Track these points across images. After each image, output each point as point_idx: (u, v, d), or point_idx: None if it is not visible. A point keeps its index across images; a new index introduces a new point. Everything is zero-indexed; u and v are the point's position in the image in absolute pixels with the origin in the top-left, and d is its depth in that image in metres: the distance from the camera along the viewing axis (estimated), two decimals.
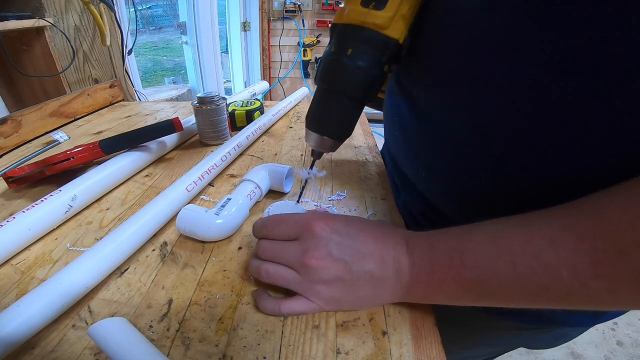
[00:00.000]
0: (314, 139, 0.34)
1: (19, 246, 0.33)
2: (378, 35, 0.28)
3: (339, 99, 0.31)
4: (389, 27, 0.28)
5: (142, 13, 5.66)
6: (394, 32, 0.28)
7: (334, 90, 0.31)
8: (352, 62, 0.29)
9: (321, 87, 0.32)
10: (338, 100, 0.31)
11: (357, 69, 0.29)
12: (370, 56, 0.28)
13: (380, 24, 0.27)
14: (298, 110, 0.78)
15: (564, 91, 0.20)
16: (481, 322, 0.37)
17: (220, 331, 0.25)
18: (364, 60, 0.28)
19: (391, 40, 0.28)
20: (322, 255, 0.25)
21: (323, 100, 0.32)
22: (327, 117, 0.32)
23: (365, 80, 0.29)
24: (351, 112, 0.32)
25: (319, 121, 0.33)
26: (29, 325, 0.24)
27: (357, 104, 0.32)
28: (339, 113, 0.32)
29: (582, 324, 0.34)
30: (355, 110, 0.32)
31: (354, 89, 0.30)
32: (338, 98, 0.31)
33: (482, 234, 0.23)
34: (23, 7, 0.68)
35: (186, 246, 0.34)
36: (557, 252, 0.19)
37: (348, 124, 0.33)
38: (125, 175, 0.47)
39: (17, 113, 0.60)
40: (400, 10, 0.27)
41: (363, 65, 0.29)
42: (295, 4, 2.42)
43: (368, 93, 0.30)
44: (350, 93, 0.30)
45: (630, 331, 1.19)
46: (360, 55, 0.28)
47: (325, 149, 0.34)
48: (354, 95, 0.30)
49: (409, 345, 0.25)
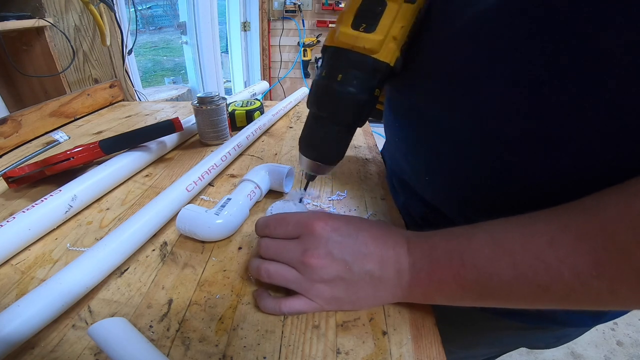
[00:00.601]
0: (306, 164, 0.34)
1: (19, 246, 0.33)
2: (368, 60, 0.27)
3: (330, 125, 0.31)
4: (379, 50, 0.27)
5: (142, 13, 5.66)
6: (384, 56, 0.27)
7: (325, 116, 0.31)
8: (342, 87, 0.28)
9: (312, 112, 0.32)
10: (329, 126, 0.31)
11: (347, 94, 0.28)
12: (360, 81, 0.28)
13: (370, 48, 0.27)
14: (298, 110, 0.78)
15: (563, 92, 0.20)
16: (482, 322, 0.37)
17: (220, 331, 0.25)
18: (353, 86, 0.28)
19: (382, 64, 0.28)
20: (322, 254, 0.25)
21: (314, 125, 0.32)
22: (319, 142, 0.32)
23: (356, 107, 0.29)
24: (342, 137, 0.32)
25: (311, 146, 0.33)
26: (29, 325, 0.24)
27: (348, 129, 0.32)
28: (330, 138, 0.32)
29: (583, 324, 0.34)
30: (347, 136, 0.32)
31: (344, 115, 0.30)
32: (329, 124, 0.31)
33: (482, 234, 0.23)
34: (23, 7, 0.67)
35: (186, 246, 0.34)
36: (557, 252, 0.19)
37: (339, 149, 0.33)
38: (125, 175, 0.47)
39: (17, 113, 0.60)
40: (391, 31, 0.27)
41: (353, 91, 0.28)
42: (295, 4, 2.42)
43: (358, 119, 0.30)
44: (341, 119, 0.30)
45: (630, 331, 1.19)
46: (350, 81, 0.28)
47: (318, 173, 0.35)
48: (345, 121, 0.30)
49: (409, 345, 0.25)
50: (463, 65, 0.26)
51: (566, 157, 0.22)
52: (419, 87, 0.31)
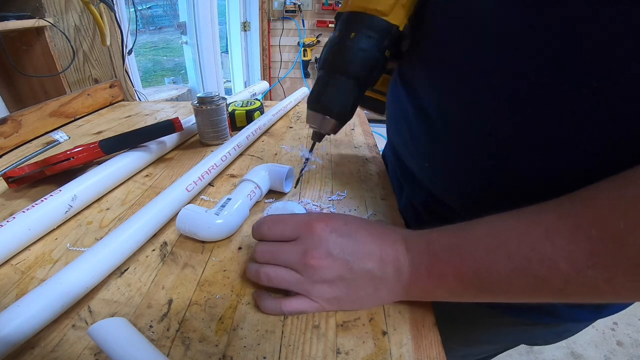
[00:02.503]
0: (316, 120, 0.35)
1: (19, 246, 0.33)
2: (380, 21, 0.30)
3: (343, 79, 0.32)
4: (390, 13, 0.30)
5: (142, 13, 5.66)
6: (394, 19, 0.30)
7: (337, 71, 0.32)
8: (355, 44, 0.30)
9: (324, 69, 0.33)
10: (341, 81, 0.32)
11: (360, 50, 0.30)
12: (373, 39, 0.30)
13: (382, 10, 0.29)
14: (298, 110, 0.78)
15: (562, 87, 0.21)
16: (483, 318, 0.37)
17: (220, 331, 0.25)
18: (366, 43, 0.30)
19: (392, 26, 0.30)
20: (322, 254, 0.25)
21: (326, 81, 0.33)
22: (330, 97, 0.33)
23: (368, 61, 0.31)
24: (354, 93, 0.33)
25: (322, 101, 0.34)
26: (29, 325, 0.24)
27: (360, 85, 0.33)
28: (342, 93, 0.33)
29: (584, 319, 0.34)
30: (358, 91, 0.33)
31: (357, 68, 0.31)
32: (341, 78, 0.32)
33: (479, 228, 0.23)
34: (23, 7, 0.67)
35: (186, 246, 0.34)
36: (552, 243, 0.19)
37: (350, 105, 0.34)
38: (125, 175, 0.47)
39: (17, 113, 0.60)
40: None
41: (366, 47, 0.30)
42: (295, 4, 2.42)
43: (370, 74, 0.32)
44: (354, 73, 0.32)
45: (630, 331, 1.19)
46: (363, 39, 0.30)
47: (326, 130, 0.35)
48: (357, 75, 0.32)
49: (409, 345, 0.25)
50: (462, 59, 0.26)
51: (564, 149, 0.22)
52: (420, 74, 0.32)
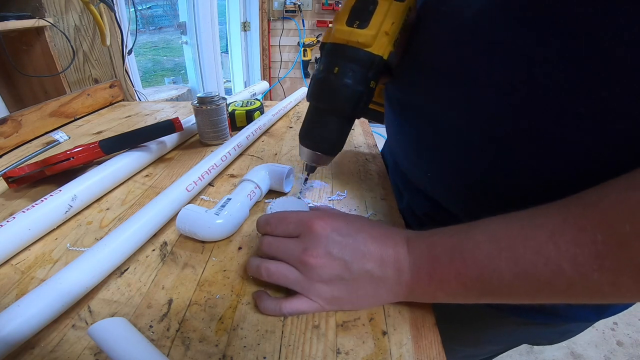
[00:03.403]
0: (306, 155, 0.35)
1: (19, 246, 0.33)
2: (362, 53, 0.30)
3: (329, 116, 0.33)
4: (372, 44, 0.29)
5: (142, 13, 5.66)
6: (377, 49, 0.29)
7: (324, 108, 0.32)
8: (338, 80, 0.30)
9: (312, 104, 0.34)
10: (328, 117, 0.33)
11: (343, 86, 0.30)
12: (356, 73, 0.30)
13: (364, 42, 0.29)
14: (298, 110, 0.78)
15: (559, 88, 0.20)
16: (485, 318, 0.37)
17: (220, 331, 0.25)
18: (349, 77, 0.30)
19: (376, 57, 0.30)
20: (321, 253, 0.25)
21: (314, 117, 0.34)
22: (319, 134, 0.34)
23: (353, 97, 0.31)
24: (341, 128, 0.34)
25: (311, 137, 0.34)
26: (29, 325, 0.24)
27: (347, 120, 0.33)
28: (329, 129, 0.33)
29: (586, 319, 0.34)
30: (345, 126, 0.34)
31: (342, 105, 0.31)
32: (328, 115, 0.33)
33: (482, 231, 0.23)
34: (23, 7, 0.67)
35: (186, 246, 0.34)
36: (557, 246, 0.19)
37: (339, 139, 0.34)
38: (125, 175, 0.47)
39: (17, 113, 0.60)
40: (383, 27, 0.29)
41: (349, 82, 0.30)
42: (295, 4, 2.42)
43: (356, 109, 0.32)
44: (339, 110, 0.32)
45: (630, 331, 1.19)
46: (346, 73, 0.30)
47: (319, 163, 0.36)
48: (343, 111, 0.32)
49: (409, 345, 0.25)
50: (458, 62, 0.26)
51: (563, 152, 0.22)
52: (417, 84, 0.32)
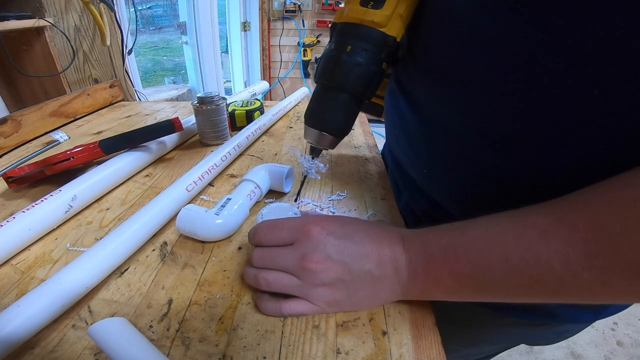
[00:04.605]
0: (312, 135, 0.34)
1: (19, 246, 0.33)
2: (376, 33, 0.29)
3: (339, 94, 0.31)
4: (387, 25, 0.29)
5: (142, 13, 5.66)
6: (391, 30, 0.29)
7: (334, 86, 0.31)
8: (351, 58, 0.29)
9: (321, 83, 0.32)
10: (337, 96, 0.31)
11: (356, 64, 0.29)
12: (369, 53, 0.29)
13: (379, 22, 0.28)
14: (298, 110, 0.78)
15: (559, 89, 0.20)
16: (483, 319, 0.37)
17: (220, 331, 0.25)
18: (362, 56, 0.29)
19: (389, 38, 0.29)
20: (321, 258, 0.25)
21: (323, 96, 0.32)
22: (327, 113, 0.32)
23: (364, 76, 0.30)
24: (350, 108, 0.32)
25: (318, 117, 0.33)
26: (29, 325, 0.24)
27: (356, 100, 0.32)
28: (338, 109, 0.32)
29: (584, 319, 0.34)
30: (354, 106, 0.33)
31: (353, 84, 0.30)
32: (337, 94, 0.31)
33: (475, 229, 0.23)
34: (23, 7, 0.67)
35: (186, 246, 0.34)
36: (548, 244, 0.19)
37: (347, 120, 0.33)
38: (125, 175, 0.47)
39: (17, 113, 0.60)
40: (397, 9, 0.28)
41: (362, 61, 0.29)
42: (295, 4, 2.42)
43: (367, 89, 0.31)
44: (350, 88, 0.31)
45: (630, 331, 1.19)
46: (359, 52, 0.29)
47: (324, 146, 0.34)
48: (353, 90, 0.31)
49: (409, 345, 0.25)
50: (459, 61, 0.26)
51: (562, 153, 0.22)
52: (416, 81, 0.32)
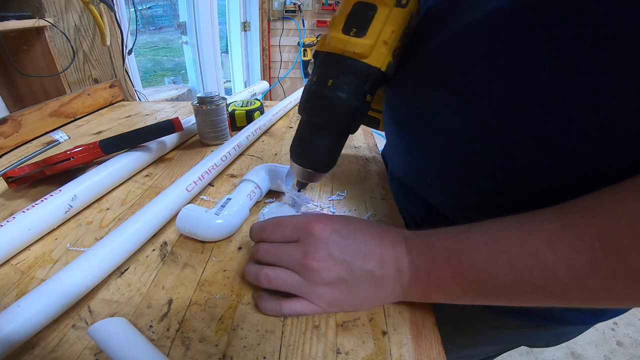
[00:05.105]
0: (297, 171, 0.33)
1: (19, 246, 0.33)
2: (359, 65, 0.27)
3: (321, 131, 0.30)
4: (369, 55, 0.27)
5: (142, 13, 5.67)
6: (375, 61, 0.27)
7: (316, 122, 0.30)
8: (332, 93, 0.28)
9: (304, 118, 0.31)
10: (320, 132, 0.30)
11: (337, 100, 0.28)
12: (352, 86, 0.28)
13: (361, 53, 0.26)
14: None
15: (562, 95, 0.20)
16: (483, 320, 0.37)
17: (220, 331, 0.25)
18: (344, 91, 0.27)
19: (372, 69, 0.27)
20: (323, 256, 0.25)
21: (305, 131, 0.31)
22: (310, 149, 0.31)
23: (347, 112, 0.28)
24: (335, 144, 0.31)
25: (302, 153, 0.32)
26: (29, 325, 0.24)
27: (341, 136, 0.31)
28: (321, 145, 0.31)
29: (584, 322, 0.34)
30: (339, 142, 0.31)
31: (336, 121, 0.29)
32: (320, 130, 0.30)
33: (480, 233, 0.23)
34: (23, 7, 0.68)
35: (186, 246, 0.34)
36: (554, 251, 0.19)
37: (331, 156, 0.32)
38: (125, 175, 0.47)
39: (17, 113, 0.60)
40: (382, 36, 0.26)
41: (344, 96, 0.28)
42: (295, 4, 2.42)
43: (350, 124, 0.29)
44: (332, 125, 0.29)
45: (630, 331, 1.19)
46: (340, 86, 0.27)
47: (310, 180, 0.34)
48: (336, 127, 0.30)
49: (409, 345, 0.25)
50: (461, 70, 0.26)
51: (566, 159, 0.22)
52: (418, 90, 0.31)
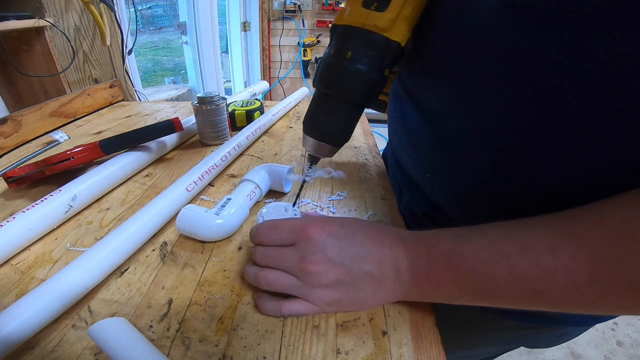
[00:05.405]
0: (311, 144, 0.32)
1: (19, 246, 0.33)
2: (379, 38, 0.27)
3: (338, 103, 0.30)
4: (390, 29, 0.26)
5: (142, 13, 5.67)
6: (395, 35, 0.27)
7: (333, 95, 0.30)
8: (351, 65, 0.27)
9: (320, 90, 0.31)
10: (337, 105, 0.30)
11: (356, 72, 0.27)
12: (371, 59, 0.27)
13: (382, 27, 0.26)
14: (298, 110, 0.78)
15: (566, 97, 0.20)
16: (482, 322, 0.37)
17: (220, 331, 0.25)
18: (364, 64, 0.27)
19: (393, 43, 0.27)
20: (320, 260, 0.25)
21: (321, 104, 0.31)
22: (325, 122, 0.31)
23: (365, 85, 0.28)
24: (350, 117, 0.31)
25: (317, 126, 0.31)
26: (29, 325, 0.24)
27: (357, 109, 0.31)
28: (337, 118, 0.30)
29: (583, 323, 0.34)
30: (355, 116, 0.31)
31: (353, 93, 0.29)
32: (337, 102, 0.30)
33: (481, 236, 0.23)
34: (23, 7, 0.67)
35: (186, 246, 0.34)
36: (555, 258, 0.19)
37: (347, 129, 0.32)
38: (125, 175, 0.47)
39: (17, 113, 0.60)
40: (403, 12, 0.26)
41: (363, 69, 0.27)
42: (295, 4, 2.42)
43: (368, 98, 0.29)
44: (350, 98, 0.29)
45: (630, 331, 1.19)
46: (360, 59, 0.27)
47: (323, 154, 0.33)
48: (353, 100, 0.29)
49: (409, 345, 0.25)
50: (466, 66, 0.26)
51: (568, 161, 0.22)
52: (423, 82, 0.31)
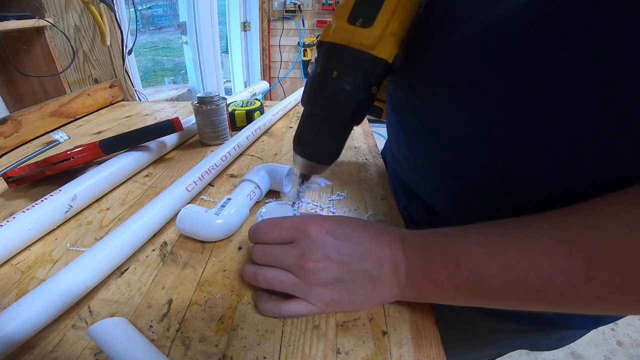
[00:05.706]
0: (300, 163, 0.32)
1: (19, 246, 0.33)
2: (365, 56, 0.26)
3: (325, 123, 0.29)
4: (377, 46, 0.25)
5: (142, 13, 5.67)
6: (382, 52, 0.26)
7: (319, 115, 0.29)
8: (337, 85, 0.26)
9: (307, 110, 0.30)
10: (324, 125, 0.30)
11: (342, 92, 0.27)
12: (357, 78, 0.26)
13: (368, 44, 0.25)
14: (298, 110, 0.78)
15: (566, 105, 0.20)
16: (482, 324, 0.37)
17: (220, 331, 0.25)
18: (349, 83, 0.26)
19: (380, 61, 0.26)
20: (319, 257, 0.25)
21: (308, 124, 0.31)
22: (314, 142, 0.31)
23: (352, 105, 0.27)
24: (339, 136, 0.31)
25: (307, 146, 0.31)
26: (29, 325, 0.24)
27: (344, 128, 0.30)
28: (325, 138, 0.30)
29: (584, 326, 0.34)
30: (344, 134, 0.31)
31: (340, 114, 0.28)
32: (323, 123, 0.30)
33: (477, 235, 0.23)
34: (23, 7, 0.67)
35: (186, 246, 0.34)
36: (550, 256, 0.19)
37: (335, 148, 0.31)
38: (125, 175, 0.47)
39: (17, 113, 0.60)
40: (389, 27, 0.25)
41: (349, 88, 0.26)
42: (295, 4, 2.42)
43: (355, 117, 0.29)
44: (336, 118, 0.29)
45: (630, 331, 1.19)
46: (345, 78, 0.26)
47: (313, 172, 0.33)
48: (340, 120, 0.29)
49: (409, 345, 0.25)
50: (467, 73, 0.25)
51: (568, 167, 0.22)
52: (422, 89, 0.31)
